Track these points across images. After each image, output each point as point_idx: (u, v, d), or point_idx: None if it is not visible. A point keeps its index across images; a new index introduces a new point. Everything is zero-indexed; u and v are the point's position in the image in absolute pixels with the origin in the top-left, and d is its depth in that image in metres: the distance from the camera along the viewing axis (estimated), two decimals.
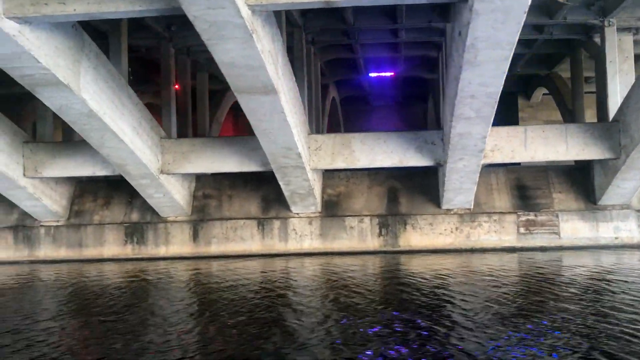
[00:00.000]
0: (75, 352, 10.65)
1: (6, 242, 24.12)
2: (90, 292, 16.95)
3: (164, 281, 18.73)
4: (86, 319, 13.43)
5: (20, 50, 13.30)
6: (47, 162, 21.58)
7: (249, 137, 22.53)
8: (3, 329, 12.41)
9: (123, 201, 24.77)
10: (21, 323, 12.85)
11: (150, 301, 15.51)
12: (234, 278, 18.72)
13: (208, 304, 14.72)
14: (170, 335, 11.49)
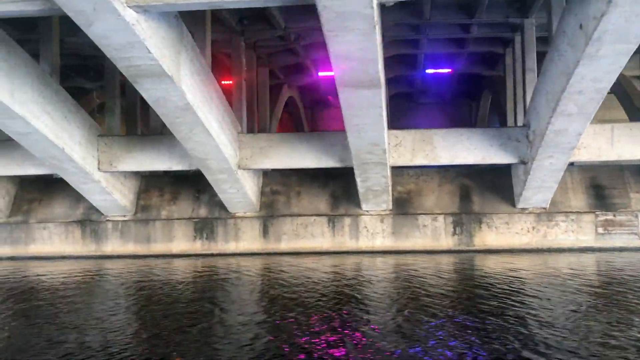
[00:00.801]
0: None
1: (73, 236, 23.95)
2: (174, 289, 16.74)
3: (252, 279, 18.45)
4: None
5: (135, 39, 13.03)
6: (123, 156, 21.36)
7: (326, 133, 22.30)
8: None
9: (190, 196, 24.53)
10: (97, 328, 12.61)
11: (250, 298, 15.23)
12: (316, 275, 18.45)
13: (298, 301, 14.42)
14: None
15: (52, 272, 20.49)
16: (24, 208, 24.71)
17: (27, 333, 11.79)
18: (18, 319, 13.35)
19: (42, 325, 12.47)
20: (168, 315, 13.21)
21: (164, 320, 12.72)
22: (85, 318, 13.11)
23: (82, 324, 12.53)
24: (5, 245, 24.06)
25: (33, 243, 23.99)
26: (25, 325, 12.55)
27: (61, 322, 12.74)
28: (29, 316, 13.57)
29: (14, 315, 13.69)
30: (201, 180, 24.59)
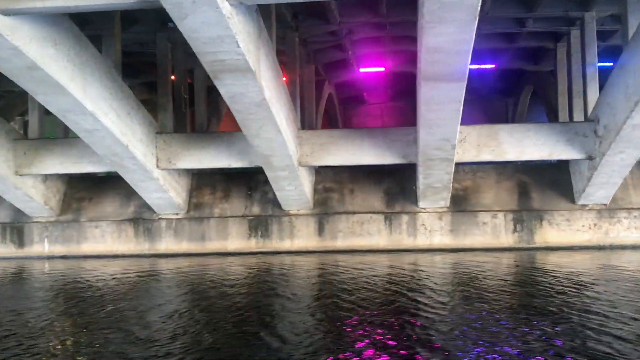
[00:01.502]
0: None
1: (126, 234, 23.75)
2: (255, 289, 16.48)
3: (319, 279, 18.16)
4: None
5: (226, 33, 12.75)
6: (182, 154, 21.13)
7: (389, 129, 22.04)
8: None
9: (242, 194, 24.28)
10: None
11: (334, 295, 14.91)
12: (377, 274, 18.16)
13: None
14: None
15: (121, 271, 20.28)
16: (74, 206, 24.52)
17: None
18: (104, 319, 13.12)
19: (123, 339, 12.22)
20: (232, 313, 12.93)
21: (227, 317, 12.45)
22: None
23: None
24: (57, 243, 23.89)
25: (85, 241, 23.80)
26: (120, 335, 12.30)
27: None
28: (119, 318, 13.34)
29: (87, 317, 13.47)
30: (253, 178, 24.51)
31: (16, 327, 12.10)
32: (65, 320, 12.89)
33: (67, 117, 16.96)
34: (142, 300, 15.06)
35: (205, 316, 12.70)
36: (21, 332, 11.59)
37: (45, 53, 14.28)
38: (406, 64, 31.81)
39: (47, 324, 12.37)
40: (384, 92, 40.46)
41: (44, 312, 13.69)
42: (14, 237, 24.03)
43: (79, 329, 11.90)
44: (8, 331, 11.70)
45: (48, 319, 12.83)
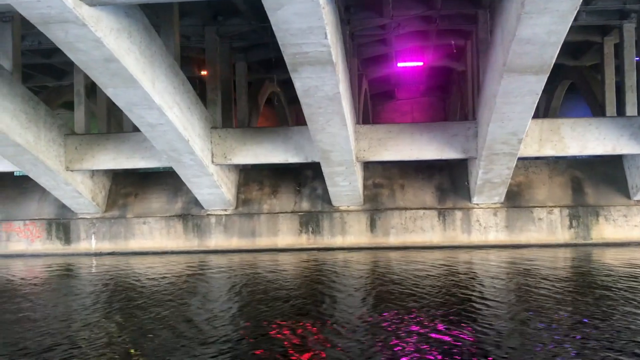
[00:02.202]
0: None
1: (175, 231, 23.46)
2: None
3: (382, 278, 17.83)
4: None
5: (318, 24, 12.45)
6: (237, 149, 20.85)
7: (449, 123, 21.77)
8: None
9: (291, 190, 23.99)
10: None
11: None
12: (443, 272, 17.87)
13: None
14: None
15: (180, 267, 20.01)
16: (120, 202, 24.25)
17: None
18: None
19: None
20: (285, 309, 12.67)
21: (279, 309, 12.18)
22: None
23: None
24: (104, 240, 23.62)
25: (133, 238, 23.53)
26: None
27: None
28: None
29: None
30: (301, 174, 24.26)
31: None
32: (149, 323, 12.60)
33: (132, 111, 16.67)
34: (213, 297, 14.80)
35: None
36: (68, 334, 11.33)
37: (121, 45, 14.01)
38: (444, 59, 31.51)
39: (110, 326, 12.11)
40: (415, 87, 40.14)
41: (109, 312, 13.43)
42: (59, 234, 23.75)
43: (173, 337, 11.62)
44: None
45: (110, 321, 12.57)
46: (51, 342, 10.62)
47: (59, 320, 12.46)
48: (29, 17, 12.26)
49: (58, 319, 12.56)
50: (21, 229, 23.82)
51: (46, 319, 12.56)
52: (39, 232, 23.77)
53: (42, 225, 23.82)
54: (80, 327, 11.86)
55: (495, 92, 15.79)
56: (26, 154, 19.30)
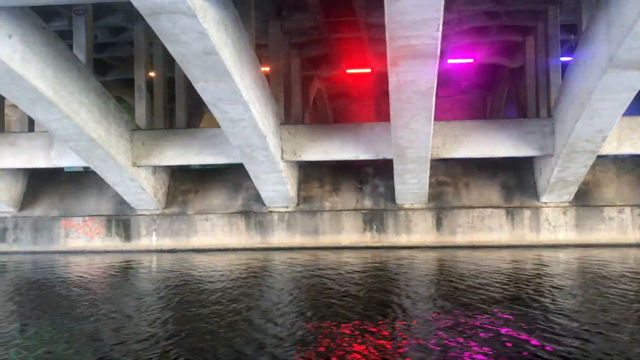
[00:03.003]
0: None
1: (237, 228, 23.20)
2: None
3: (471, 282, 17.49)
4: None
5: (434, 16, 12.15)
6: (306, 145, 20.59)
7: (525, 120, 21.43)
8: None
9: (352, 187, 23.69)
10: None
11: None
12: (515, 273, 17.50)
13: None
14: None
15: (250, 265, 19.74)
16: (179, 199, 24.01)
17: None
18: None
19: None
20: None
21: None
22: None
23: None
24: (165, 237, 23.39)
25: (195, 235, 23.28)
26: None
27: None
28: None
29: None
30: (361, 171, 23.97)
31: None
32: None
33: (217, 106, 16.40)
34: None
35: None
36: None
37: (221, 38, 13.75)
38: (495, 56, 31.08)
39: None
40: (456, 85, 39.71)
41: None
42: (119, 230, 23.54)
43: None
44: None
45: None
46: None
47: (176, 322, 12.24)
48: (139, 7, 12.00)
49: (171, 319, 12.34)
50: (80, 225, 23.62)
51: (152, 319, 12.33)
52: (98, 228, 23.56)
53: (101, 222, 23.61)
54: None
55: (592, 88, 15.42)
56: (97, 149, 19.08)
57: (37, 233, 23.77)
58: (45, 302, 14.25)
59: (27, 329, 11.60)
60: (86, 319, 12.11)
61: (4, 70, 14.44)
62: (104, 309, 13.04)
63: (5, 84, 15.13)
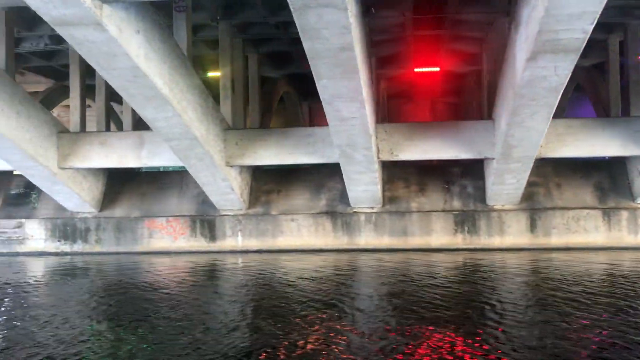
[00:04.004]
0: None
1: (324, 228, 22.85)
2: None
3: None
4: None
5: (592, 9, 11.65)
6: (403, 145, 20.22)
7: (630, 119, 20.78)
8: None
9: (439, 188, 23.24)
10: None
11: None
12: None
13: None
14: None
15: (345, 267, 19.39)
16: (262, 199, 23.71)
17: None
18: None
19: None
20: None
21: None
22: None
23: None
24: (251, 237, 23.10)
25: (281, 235, 22.96)
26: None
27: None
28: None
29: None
30: (447, 171, 23.59)
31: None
32: None
33: (331, 104, 16.08)
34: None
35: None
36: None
37: (356, 32, 13.42)
38: None
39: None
40: None
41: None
42: (204, 231, 23.28)
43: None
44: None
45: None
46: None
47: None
48: (291, 1, 11.68)
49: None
50: (164, 225, 23.41)
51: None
52: (182, 229, 23.33)
53: (185, 222, 23.38)
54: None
55: None
56: (198, 148, 18.84)
57: (119, 233, 23.60)
58: (142, 305, 13.95)
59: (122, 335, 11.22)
60: (185, 328, 11.56)
61: (130, 67, 14.22)
62: (202, 316, 12.68)
63: (127, 81, 14.91)
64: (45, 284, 18.12)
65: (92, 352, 10.16)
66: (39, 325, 12.13)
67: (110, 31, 12.73)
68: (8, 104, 18.35)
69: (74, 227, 23.78)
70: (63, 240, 23.81)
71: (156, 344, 10.54)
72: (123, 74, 14.58)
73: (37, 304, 14.78)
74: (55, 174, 20.96)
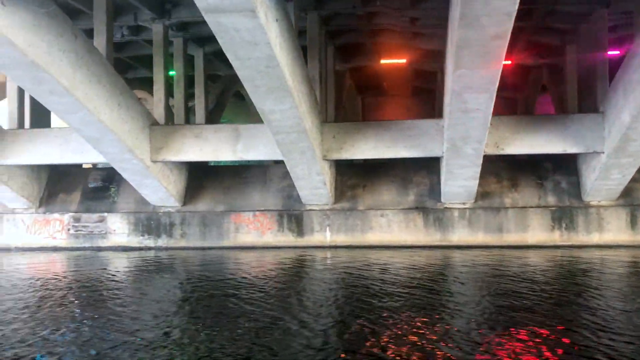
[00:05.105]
0: None
1: (415, 224, 22.39)
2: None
3: None
4: None
5: None
6: (509, 138, 19.74)
7: None
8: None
9: (531, 183, 22.70)
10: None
11: None
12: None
13: None
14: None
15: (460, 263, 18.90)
16: (348, 194, 23.26)
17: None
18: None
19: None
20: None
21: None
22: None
23: None
24: (339, 232, 22.68)
25: (370, 231, 22.54)
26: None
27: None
28: None
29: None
30: (540, 166, 23.04)
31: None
32: None
33: (461, 95, 15.64)
34: None
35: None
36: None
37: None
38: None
39: None
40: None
41: None
42: (292, 226, 22.88)
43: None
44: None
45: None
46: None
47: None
48: None
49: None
50: (251, 220, 23.03)
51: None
52: (269, 223, 22.94)
53: (272, 217, 22.99)
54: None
55: None
56: (303, 141, 18.43)
57: (205, 228, 23.25)
58: (250, 304, 13.53)
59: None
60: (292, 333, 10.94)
61: (266, 57, 13.79)
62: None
63: (257, 72, 14.47)
64: (146, 280, 17.76)
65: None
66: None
67: (260, 18, 12.31)
68: (111, 95, 18.01)
69: (157, 222, 23.45)
70: (147, 234, 23.49)
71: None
72: (256, 64, 14.15)
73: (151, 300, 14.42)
74: (148, 167, 20.62)
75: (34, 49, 14.26)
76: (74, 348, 9.89)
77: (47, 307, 13.15)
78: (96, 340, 10.26)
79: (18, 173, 23.02)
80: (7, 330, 11.04)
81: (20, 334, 10.78)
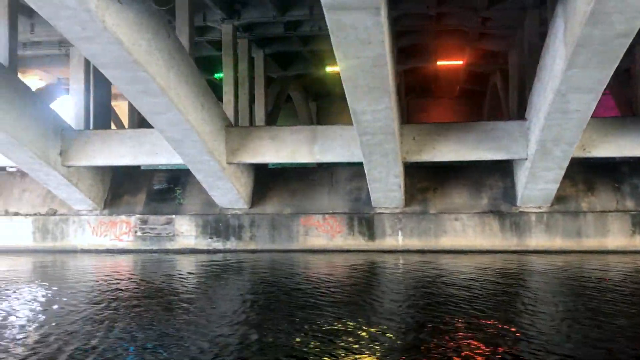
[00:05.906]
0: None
1: (491, 228, 21.95)
2: None
3: None
4: None
5: None
6: (597, 140, 19.24)
7: None
8: None
9: (609, 187, 22.18)
10: None
11: None
12: None
13: None
14: None
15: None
16: (418, 197, 22.87)
17: None
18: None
19: None
20: None
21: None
22: None
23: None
24: (412, 237, 22.29)
25: (444, 235, 22.12)
26: None
27: None
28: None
29: None
30: (617, 169, 22.56)
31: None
32: None
33: (565, 95, 15.18)
34: None
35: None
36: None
37: None
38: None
39: None
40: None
41: None
42: (362, 229, 22.54)
43: None
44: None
45: None
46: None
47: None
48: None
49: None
50: (320, 223, 22.72)
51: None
52: (339, 226, 22.62)
53: (342, 220, 22.67)
54: None
55: None
56: (389, 143, 18.11)
57: (274, 231, 22.97)
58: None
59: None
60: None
61: (375, 56, 13.53)
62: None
63: (362, 71, 14.16)
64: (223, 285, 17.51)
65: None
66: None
67: (382, 16, 12.04)
68: (196, 95, 17.83)
69: (226, 224, 23.22)
70: (215, 237, 23.27)
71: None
72: (363, 63, 13.86)
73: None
74: (224, 169, 20.40)
75: (137, 48, 14.09)
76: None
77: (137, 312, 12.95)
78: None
79: (86, 175, 22.91)
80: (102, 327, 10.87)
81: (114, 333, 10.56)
